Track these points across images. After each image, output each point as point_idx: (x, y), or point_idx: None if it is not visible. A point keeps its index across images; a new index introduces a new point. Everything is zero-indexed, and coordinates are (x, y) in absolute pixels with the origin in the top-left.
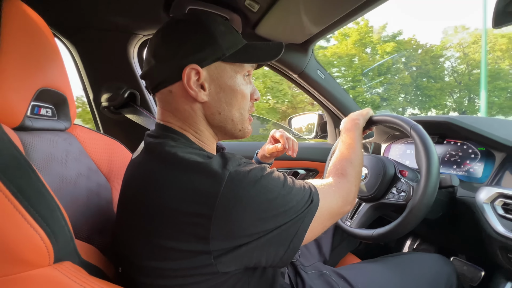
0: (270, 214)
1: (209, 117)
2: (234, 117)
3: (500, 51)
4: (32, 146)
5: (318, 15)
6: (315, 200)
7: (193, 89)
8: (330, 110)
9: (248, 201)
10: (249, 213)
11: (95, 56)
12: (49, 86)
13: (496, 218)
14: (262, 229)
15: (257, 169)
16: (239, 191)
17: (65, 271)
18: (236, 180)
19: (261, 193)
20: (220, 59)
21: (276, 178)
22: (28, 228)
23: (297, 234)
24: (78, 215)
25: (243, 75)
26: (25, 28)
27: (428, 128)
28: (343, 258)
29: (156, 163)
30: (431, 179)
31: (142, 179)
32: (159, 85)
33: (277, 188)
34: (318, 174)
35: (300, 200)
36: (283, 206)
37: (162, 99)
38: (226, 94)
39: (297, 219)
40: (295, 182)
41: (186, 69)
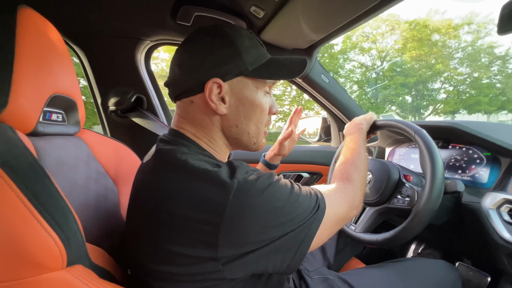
0: (278, 222)
1: (226, 129)
2: (250, 130)
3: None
4: (44, 151)
5: (322, 22)
6: (322, 207)
7: (214, 102)
8: (334, 113)
9: (256, 209)
10: (256, 221)
11: (103, 61)
12: (61, 92)
13: (502, 224)
14: (269, 236)
15: (265, 177)
16: (247, 199)
17: (77, 275)
18: (244, 189)
19: (268, 201)
20: (243, 74)
21: (283, 186)
22: (43, 233)
23: (304, 241)
24: (87, 219)
25: (264, 90)
26: (38, 36)
27: (433, 133)
28: (347, 263)
29: (166, 170)
30: (436, 184)
31: (152, 184)
32: (181, 94)
33: (285, 196)
34: (322, 178)
35: (307, 207)
36: (290, 213)
37: (182, 107)
38: (245, 108)
39: (304, 226)
40: (301, 189)
41: (209, 82)
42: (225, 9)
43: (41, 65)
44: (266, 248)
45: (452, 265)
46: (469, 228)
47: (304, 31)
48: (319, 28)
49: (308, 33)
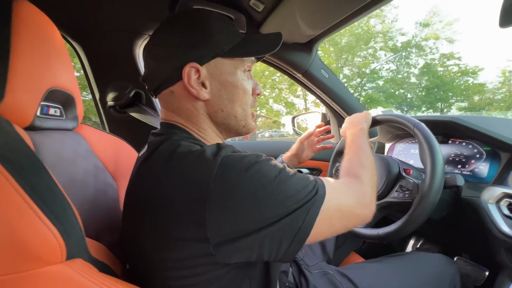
0: (268, 202)
1: (212, 115)
2: (237, 113)
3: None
4: (42, 146)
5: (322, 15)
6: (321, 192)
7: (194, 87)
8: (334, 109)
9: (242, 186)
10: (243, 199)
11: (101, 56)
12: (58, 86)
13: (502, 219)
14: (261, 218)
15: (252, 156)
16: (231, 176)
17: (77, 268)
18: (228, 165)
19: (254, 179)
20: (219, 55)
21: (273, 165)
22: (42, 226)
23: (302, 228)
24: (86, 214)
25: (243, 70)
26: (34, 29)
27: (433, 128)
28: (346, 257)
29: (157, 159)
30: (436, 176)
31: (144, 174)
32: (160, 86)
33: (272, 174)
34: (321, 173)
35: (301, 189)
36: (281, 193)
37: (164, 100)
38: (227, 91)
39: (300, 211)
40: (296, 172)
41: (186, 68)
42: (224, 2)
43: (37, 58)
44: (261, 233)
45: (450, 259)
46: (468, 222)
47: (304, 24)
48: (319, 22)
49: (308, 27)
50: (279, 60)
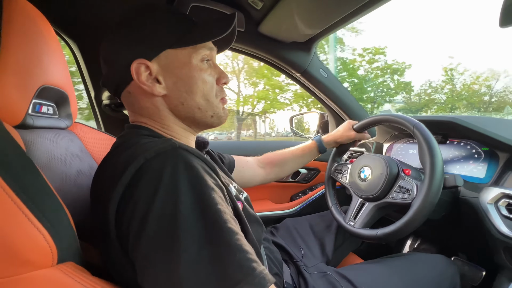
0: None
1: (173, 109)
2: (199, 105)
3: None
4: (34, 145)
5: (321, 14)
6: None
7: (145, 84)
8: (332, 109)
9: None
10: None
11: (96, 53)
12: (51, 83)
13: (500, 219)
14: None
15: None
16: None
17: (68, 272)
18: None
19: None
20: (167, 47)
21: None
22: (32, 229)
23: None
24: (80, 215)
25: (200, 59)
26: (26, 25)
27: (432, 128)
28: (345, 258)
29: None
30: (435, 176)
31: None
32: (118, 88)
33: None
34: (319, 173)
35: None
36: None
37: (125, 101)
38: (184, 82)
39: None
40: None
41: (133, 65)
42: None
43: (29, 54)
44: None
45: (450, 259)
46: (466, 222)
47: (303, 23)
48: (318, 21)
49: (306, 26)
50: (277, 59)
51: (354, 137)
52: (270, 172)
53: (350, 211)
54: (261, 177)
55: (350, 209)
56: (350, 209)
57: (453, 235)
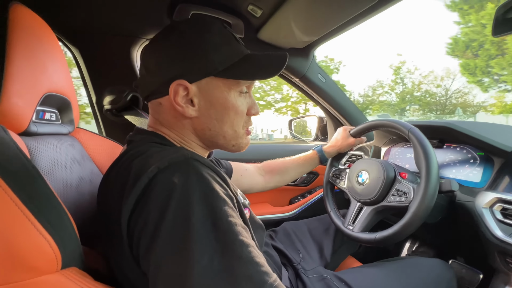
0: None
1: (199, 132)
2: (226, 134)
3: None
4: (38, 151)
5: (319, 22)
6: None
7: (180, 105)
8: (331, 113)
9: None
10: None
11: (98, 59)
12: (54, 91)
13: (495, 223)
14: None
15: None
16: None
17: (72, 277)
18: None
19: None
20: (211, 75)
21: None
22: (37, 235)
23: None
24: (81, 220)
25: (239, 90)
26: (30, 33)
27: (428, 133)
28: (343, 261)
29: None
30: (431, 179)
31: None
32: (150, 96)
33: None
34: (318, 177)
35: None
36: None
37: (153, 109)
38: (217, 111)
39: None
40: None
41: (174, 84)
42: (222, 7)
43: (34, 63)
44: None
45: (447, 263)
46: (462, 226)
47: (302, 30)
48: (316, 28)
49: (305, 33)
50: None
51: (353, 144)
52: (270, 181)
53: (349, 215)
54: (260, 185)
55: (349, 214)
56: (349, 214)
57: (450, 239)
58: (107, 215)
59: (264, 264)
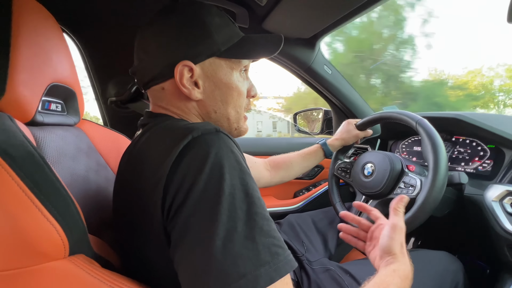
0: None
1: (204, 115)
2: (230, 115)
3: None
4: (44, 141)
5: (326, 10)
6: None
7: (186, 87)
8: (337, 106)
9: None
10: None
11: (102, 50)
12: (59, 81)
13: (505, 216)
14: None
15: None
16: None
17: (80, 264)
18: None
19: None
20: (215, 55)
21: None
22: (45, 222)
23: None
24: (88, 210)
25: (240, 71)
26: (35, 23)
27: (436, 125)
28: (347, 254)
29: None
30: (440, 171)
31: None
32: (151, 81)
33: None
34: (323, 170)
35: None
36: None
37: (155, 96)
38: (221, 92)
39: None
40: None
41: (179, 66)
42: None
43: (38, 53)
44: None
45: (454, 256)
46: (470, 220)
47: (308, 19)
48: (323, 17)
49: (313, 21)
50: (281, 55)
51: (359, 136)
52: (275, 176)
53: (354, 208)
54: (266, 179)
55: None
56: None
57: (457, 233)
58: (134, 195)
59: (280, 239)
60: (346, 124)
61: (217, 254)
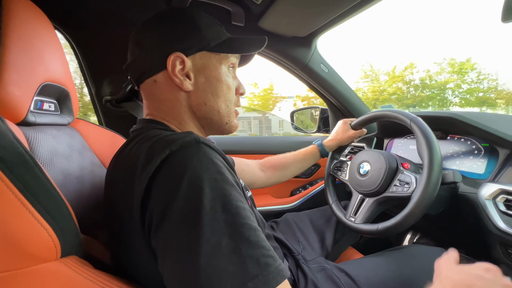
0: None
1: (195, 107)
2: (220, 108)
3: None
4: (36, 141)
5: (322, 8)
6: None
7: (178, 77)
8: (333, 104)
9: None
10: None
11: (96, 49)
12: (52, 80)
13: (498, 214)
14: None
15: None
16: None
17: (72, 265)
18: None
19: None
20: (205, 49)
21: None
22: (35, 224)
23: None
24: (82, 210)
25: (228, 66)
26: (26, 22)
27: (431, 123)
28: (344, 252)
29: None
30: (434, 168)
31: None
32: (143, 75)
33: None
34: (319, 169)
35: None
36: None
37: (147, 90)
38: (211, 84)
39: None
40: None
41: (171, 56)
42: None
43: (30, 52)
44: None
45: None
46: (465, 218)
47: (304, 17)
48: (319, 15)
49: (309, 20)
50: (278, 54)
51: (354, 136)
52: (271, 176)
53: (351, 207)
54: (262, 181)
55: (350, 205)
56: (350, 205)
57: (451, 230)
58: (117, 202)
59: (270, 249)
60: (342, 124)
61: (202, 272)
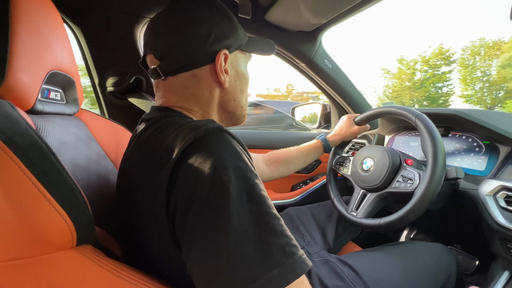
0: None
1: (224, 103)
2: (243, 104)
3: None
4: (45, 130)
5: (329, 4)
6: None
7: (223, 74)
8: (336, 100)
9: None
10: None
11: (101, 39)
12: (59, 69)
13: (498, 210)
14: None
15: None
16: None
17: (87, 254)
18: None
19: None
20: (240, 48)
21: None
22: (52, 211)
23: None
24: (90, 201)
25: (247, 65)
26: (34, 10)
27: (434, 121)
28: (344, 246)
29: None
30: (438, 165)
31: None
32: (182, 68)
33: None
34: (320, 164)
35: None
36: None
37: (178, 83)
38: (241, 82)
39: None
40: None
41: (220, 53)
42: None
43: (38, 39)
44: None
45: (447, 248)
46: (464, 214)
47: (311, 12)
48: (325, 10)
49: (314, 15)
50: (283, 48)
51: (358, 132)
52: (275, 171)
53: (352, 202)
54: (265, 175)
55: (352, 200)
56: (352, 200)
57: (450, 226)
58: (137, 190)
59: (293, 238)
60: (346, 119)
61: (229, 259)
